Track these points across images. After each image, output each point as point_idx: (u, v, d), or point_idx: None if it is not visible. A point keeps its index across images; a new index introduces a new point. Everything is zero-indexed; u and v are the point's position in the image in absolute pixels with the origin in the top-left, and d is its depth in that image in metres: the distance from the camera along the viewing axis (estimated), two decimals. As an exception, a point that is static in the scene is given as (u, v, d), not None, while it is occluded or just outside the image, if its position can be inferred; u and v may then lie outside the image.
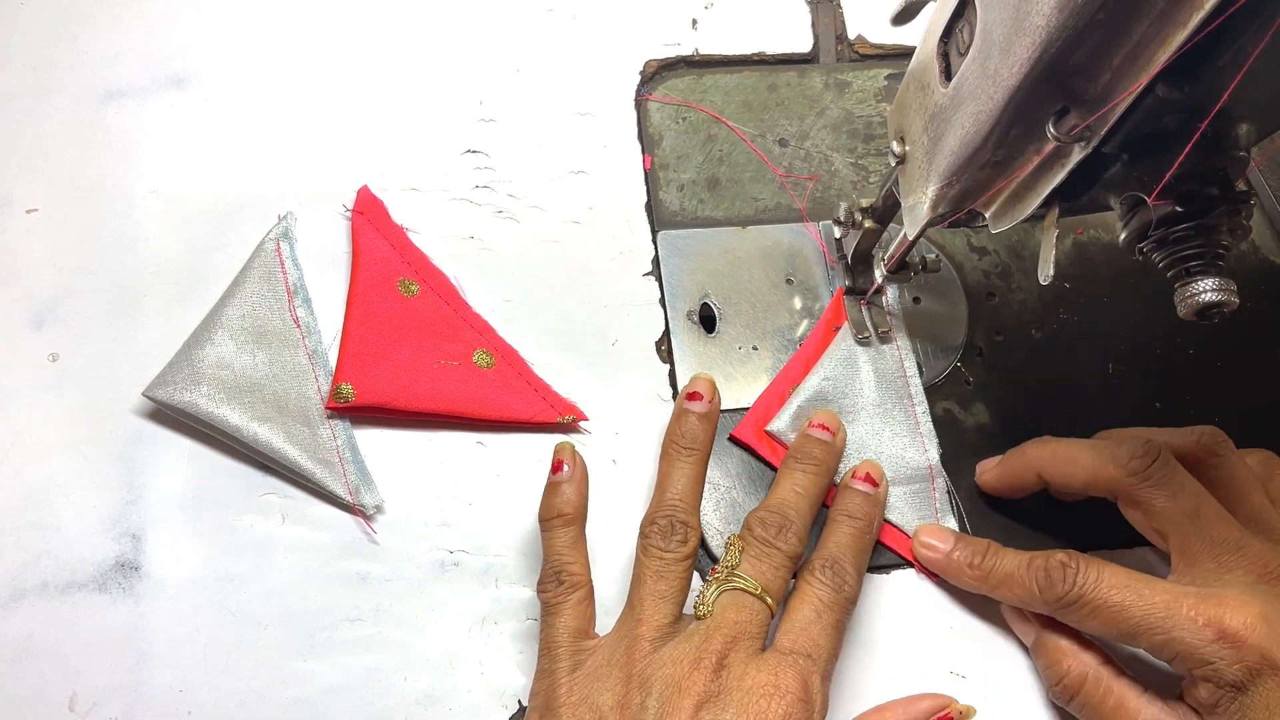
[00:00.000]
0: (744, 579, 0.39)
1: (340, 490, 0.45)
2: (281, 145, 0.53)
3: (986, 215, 0.38)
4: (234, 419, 0.45)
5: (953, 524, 0.47)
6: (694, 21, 0.58)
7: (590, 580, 0.41)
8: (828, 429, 0.45)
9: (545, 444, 0.47)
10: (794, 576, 0.41)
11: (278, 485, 0.46)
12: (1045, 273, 0.35)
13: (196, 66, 0.54)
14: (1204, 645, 0.37)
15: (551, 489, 0.42)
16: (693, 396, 0.44)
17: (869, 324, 0.50)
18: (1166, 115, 0.31)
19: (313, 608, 0.44)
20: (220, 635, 0.43)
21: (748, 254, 0.52)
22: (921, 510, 0.47)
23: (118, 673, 0.42)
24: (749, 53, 0.57)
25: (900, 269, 0.47)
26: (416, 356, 0.47)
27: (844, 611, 0.40)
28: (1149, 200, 0.32)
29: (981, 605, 0.45)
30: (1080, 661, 0.41)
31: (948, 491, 0.47)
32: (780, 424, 0.47)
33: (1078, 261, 0.53)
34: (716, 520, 0.46)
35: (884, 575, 0.46)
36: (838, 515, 0.44)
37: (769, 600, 0.39)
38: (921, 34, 0.38)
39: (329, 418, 0.46)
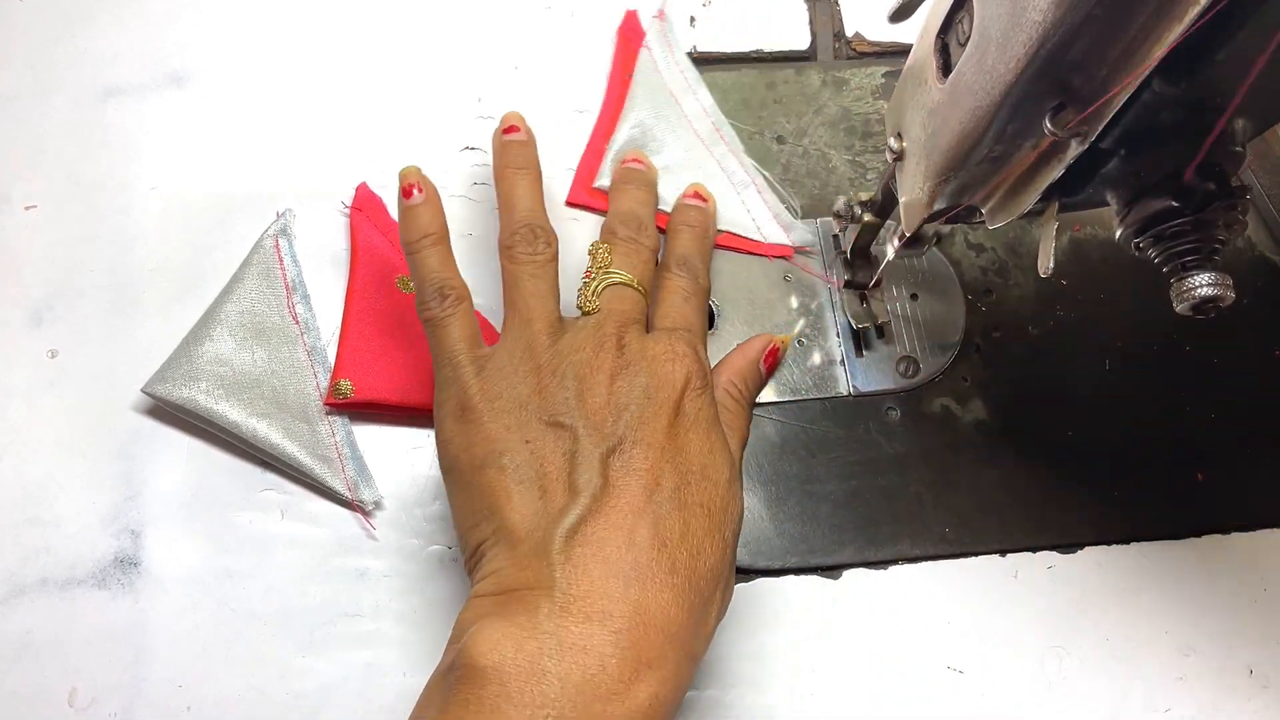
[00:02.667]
0: (619, 274, 0.43)
1: (339, 486, 0.45)
2: (280, 143, 0.53)
3: (984, 211, 0.38)
4: (233, 415, 0.45)
5: (787, 217, 0.52)
6: (692, 19, 0.58)
7: (470, 295, 0.42)
8: (639, 160, 0.50)
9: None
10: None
11: (276, 481, 0.46)
12: (1045, 265, 0.35)
13: (195, 65, 0.54)
14: None
15: (409, 213, 0.43)
16: (509, 130, 0.46)
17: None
18: (1163, 111, 0.31)
19: (312, 604, 0.44)
20: (219, 631, 0.43)
21: (746, 251, 0.52)
22: (754, 211, 0.51)
23: (117, 668, 0.42)
24: (747, 50, 0.57)
25: (913, 243, 0.47)
26: (415, 354, 0.47)
27: (703, 298, 0.45)
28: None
29: (980, 602, 0.45)
30: None
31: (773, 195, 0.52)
32: (605, 179, 0.51)
33: (1075, 259, 0.54)
34: None
35: (881, 571, 0.46)
36: (677, 225, 0.48)
37: (642, 290, 0.43)
38: (919, 30, 0.38)
39: (327, 414, 0.46)
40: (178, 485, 0.45)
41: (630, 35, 0.55)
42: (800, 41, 0.58)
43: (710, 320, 0.51)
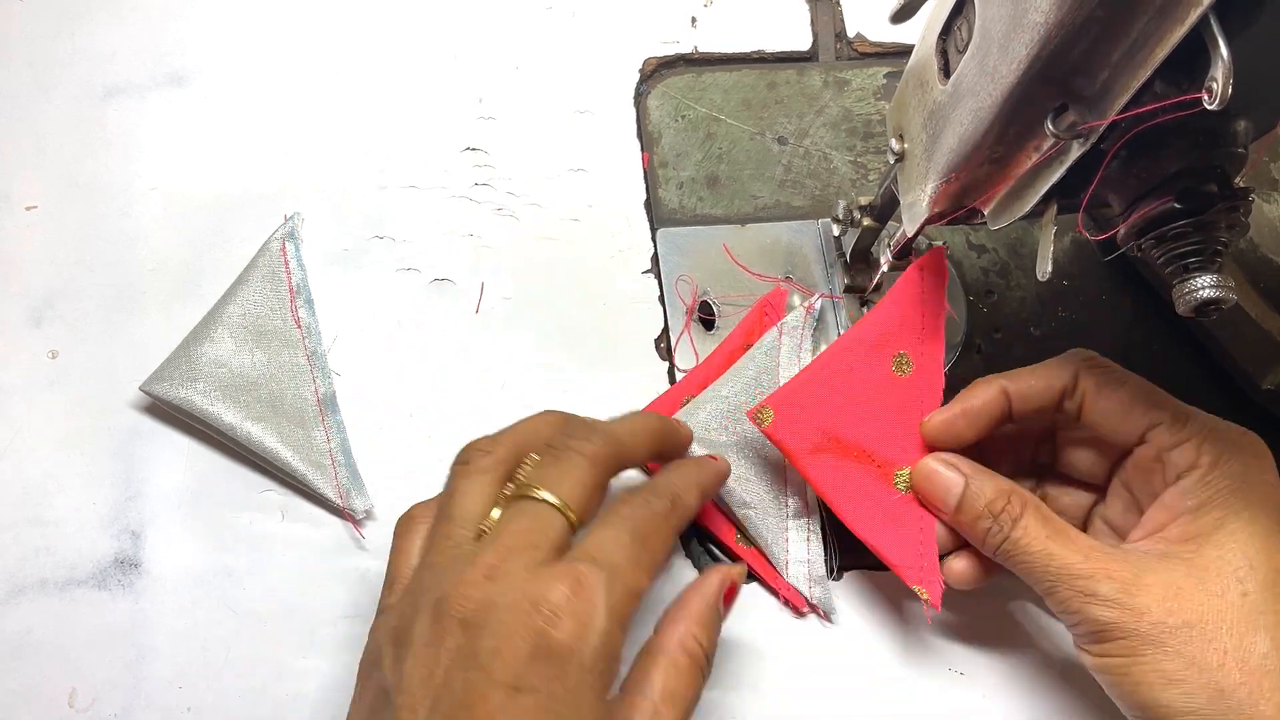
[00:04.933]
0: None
1: (330, 493, 0.45)
2: (280, 143, 0.53)
3: (985, 212, 0.38)
4: (228, 417, 0.45)
5: (821, 569, 0.45)
6: (693, 19, 0.58)
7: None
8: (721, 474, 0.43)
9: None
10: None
11: (276, 482, 0.46)
12: (1043, 269, 0.35)
13: (195, 64, 0.54)
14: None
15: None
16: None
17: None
18: (1165, 112, 0.31)
19: (311, 604, 0.44)
20: (219, 631, 0.43)
21: (747, 251, 0.52)
22: (792, 546, 0.45)
23: (117, 668, 0.42)
24: (748, 51, 0.57)
25: (906, 255, 0.47)
26: (846, 433, 0.42)
27: (653, 525, 0.35)
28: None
29: (980, 603, 0.45)
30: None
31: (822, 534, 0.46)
32: None
33: (1076, 259, 0.53)
34: None
35: (881, 571, 0.46)
36: (684, 459, 0.42)
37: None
38: (920, 31, 0.38)
39: (324, 420, 0.46)
40: (178, 485, 0.45)
41: (770, 309, 0.50)
42: (802, 42, 0.58)
43: (709, 323, 0.51)
